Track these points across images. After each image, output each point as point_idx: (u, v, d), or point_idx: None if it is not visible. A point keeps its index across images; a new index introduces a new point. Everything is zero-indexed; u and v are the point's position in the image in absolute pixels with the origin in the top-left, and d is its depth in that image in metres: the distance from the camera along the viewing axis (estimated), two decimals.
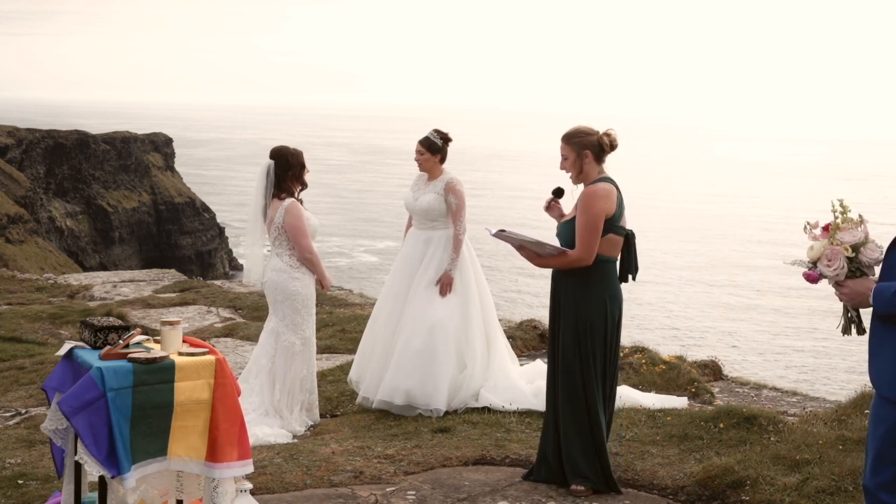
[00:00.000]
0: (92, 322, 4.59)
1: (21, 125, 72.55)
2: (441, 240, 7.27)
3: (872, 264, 3.69)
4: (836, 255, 3.70)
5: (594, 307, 5.37)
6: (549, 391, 5.61)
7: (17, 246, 54.11)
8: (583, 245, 5.32)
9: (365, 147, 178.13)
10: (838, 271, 3.70)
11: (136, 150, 72.55)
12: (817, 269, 3.77)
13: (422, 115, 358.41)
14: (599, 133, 5.48)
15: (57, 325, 10.92)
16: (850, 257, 3.69)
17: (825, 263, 3.73)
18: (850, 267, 3.69)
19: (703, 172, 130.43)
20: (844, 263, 3.69)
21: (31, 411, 7.46)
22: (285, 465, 5.83)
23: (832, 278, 3.73)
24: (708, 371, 9.09)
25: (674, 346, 16.76)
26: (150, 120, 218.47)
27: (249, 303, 11.96)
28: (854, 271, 3.70)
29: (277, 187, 6.99)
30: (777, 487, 5.24)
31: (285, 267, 6.98)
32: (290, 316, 6.99)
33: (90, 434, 4.13)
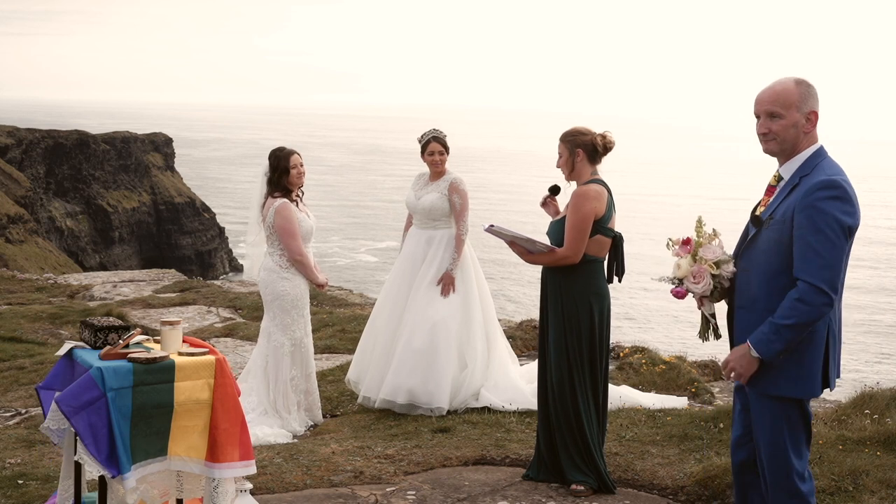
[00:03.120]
0: (92, 322, 4.59)
1: (21, 125, 72.55)
2: (443, 239, 7.27)
3: (730, 278, 3.92)
4: (702, 272, 3.91)
5: (580, 305, 5.45)
6: (540, 389, 5.67)
7: (17, 246, 54.11)
8: (570, 243, 5.42)
9: (365, 147, 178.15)
10: (705, 288, 3.90)
11: (136, 150, 72.54)
12: (684, 285, 3.96)
13: (422, 115, 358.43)
14: (595, 134, 5.55)
15: (57, 325, 10.92)
16: (714, 274, 3.89)
17: (692, 281, 3.94)
18: (715, 280, 3.89)
19: (703, 173, 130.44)
20: (710, 280, 3.89)
21: (31, 411, 7.46)
22: (285, 465, 5.83)
23: (699, 294, 3.92)
24: (708, 371, 9.09)
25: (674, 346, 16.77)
26: (150, 120, 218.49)
27: (249, 303, 11.96)
28: (716, 286, 3.91)
29: (271, 187, 7.01)
30: None
31: (275, 267, 6.98)
32: (279, 316, 6.99)
33: (90, 434, 4.12)
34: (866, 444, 5.67)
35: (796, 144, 3.79)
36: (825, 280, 3.61)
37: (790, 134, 3.78)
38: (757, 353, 3.70)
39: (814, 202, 3.63)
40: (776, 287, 3.73)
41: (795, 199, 3.70)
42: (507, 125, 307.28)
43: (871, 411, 6.24)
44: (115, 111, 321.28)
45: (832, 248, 3.62)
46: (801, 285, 3.63)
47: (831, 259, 3.62)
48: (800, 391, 3.76)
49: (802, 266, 3.64)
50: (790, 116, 3.76)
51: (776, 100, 3.78)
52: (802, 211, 3.65)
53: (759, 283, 3.79)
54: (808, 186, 3.68)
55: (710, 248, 3.93)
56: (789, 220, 3.69)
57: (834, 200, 3.63)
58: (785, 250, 3.71)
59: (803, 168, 3.77)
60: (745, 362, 3.74)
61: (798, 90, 3.77)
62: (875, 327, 48.43)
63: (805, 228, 3.63)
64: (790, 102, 3.76)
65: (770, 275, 3.75)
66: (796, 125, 3.77)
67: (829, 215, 3.61)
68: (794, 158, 3.80)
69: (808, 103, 3.78)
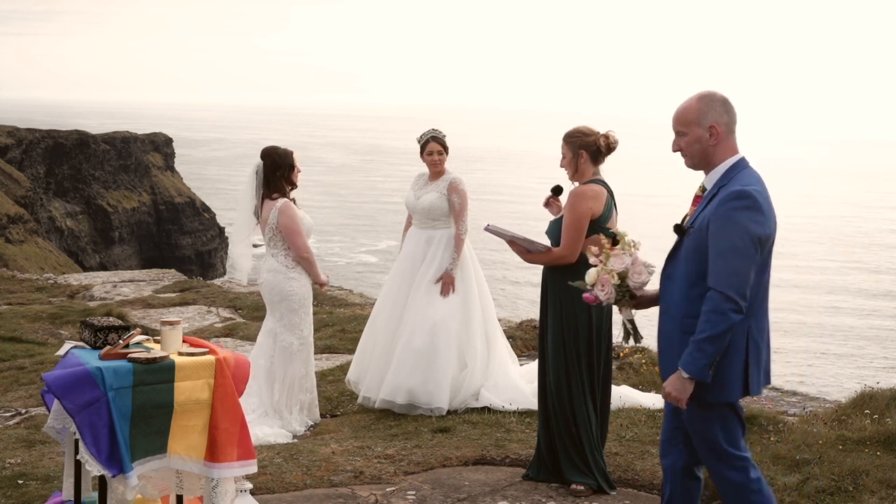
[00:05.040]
0: (92, 322, 4.59)
1: (21, 125, 72.54)
2: (442, 239, 7.27)
3: (641, 286, 4.14)
4: (606, 281, 4.15)
5: (578, 306, 5.46)
6: (540, 389, 5.68)
7: (17, 246, 54.11)
8: (566, 242, 5.44)
9: (365, 147, 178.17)
10: (609, 295, 4.15)
11: (136, 150, 72.53)
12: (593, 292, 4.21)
13: (422, 115, 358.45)
14: (598, 134, 5.56)
15: (57, 325, 10.91)
16: (617, 283, 4.13)
17: (599, 288, 4.18)
18: (619, 291, 4.14)
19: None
20: (612, 289, 4.14)
21: (31, 411, 7.46)
22: (285, 465, 5.83)
23: (605, 301, 4.17)
24: None
25: None
26: (150, 120, 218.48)
27: (249, 303, 11.96)
28: (624, 294, 4.15)
29: (267, 187, 6.98)
30: (777, 487, 5.24)
31: (280, 267, 6.96)
32: (287, 316, 6.97)
33: (91, 434, 4.13)
34: (866, 444, 5.67)
35: (709, 158, 3.94)
36: (733, 287, 3.72)
37: (695, 149, 3.93)
38: (687, 374, 3.80)
39: (725, 212, 3.76)
40: (694, 294, 3.85)
41: (712, 208, 3.83)
42: (507, 125, 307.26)
43: (871, 411, 6.24)
44: (115, 111, 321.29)
45: (741, 256, 3.73)
46: (711, 294, 3.75)
47: (739, 267, 3.73)
48: (719, 396, 3.87)
49: (713, 274, 3.77)
50: (692, 133, 3.91)
51: (678, 118, 3.95)
52: (715, 221, 3.78)
53: (679, 291, 3.92)
54: (721, 197, 3.81)
55: (618, 260, 4.13)
56: (705, 229, 3.82)
57: (745, 210, 3.74)
58: (702, 259, 3.83)
59: (722, 179, 3.89)
60: (679, 386, 3.84)
61: (698, 106, 3.91)
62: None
63: (716, 237, 3.76)
64: (689, 120, 3.91)
65: (689, 282, 3.88)
66: (700, 140, 3.91)
67: (739, 225, 3.73)
68: (714, 170, 3.93)
69: (709, 117, 3.89)
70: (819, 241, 75.88)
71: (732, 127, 3.95)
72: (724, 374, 3.83)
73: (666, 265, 4.03)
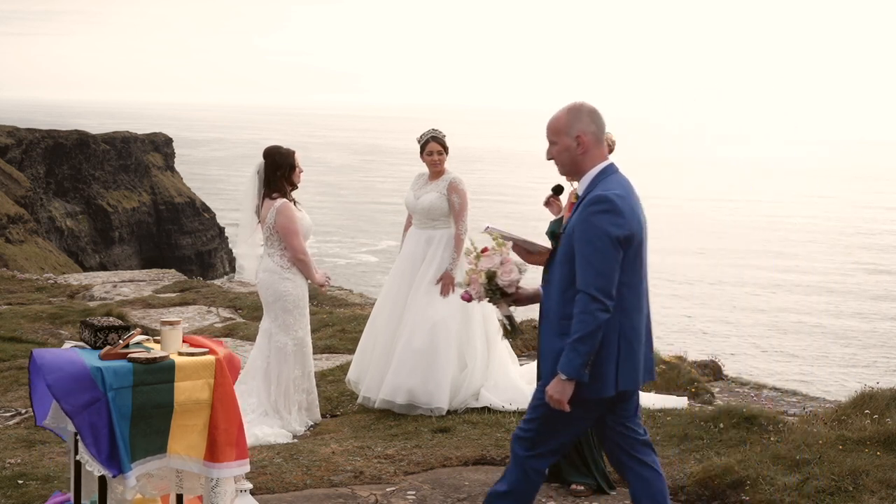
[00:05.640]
0: (92, 322, 4.59)
1: (21, 125, 72.55)
2: (442, 239, 7.27)
3: (512, 284, 4.28)
4: (475, 281, 4.30)
5: None
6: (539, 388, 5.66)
7: (17, 246, 54.11)
8: None
9: (365, 147, 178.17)
10: (479, 294, 4.30)
11: (136, 150, 72.54)
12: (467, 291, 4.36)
13: (422, 115, 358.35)
14: None
15: (57, 325, 10.91)
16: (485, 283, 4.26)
17: (470, 287, 4.33)
18: (489, 288, 4.27)
19: (702, 173, 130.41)
20: (481, 288, 4.28)
21: (31, 411, 7.46)
22: (285, 465, 5.83)
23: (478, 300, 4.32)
24: (708, 371, 9.10)
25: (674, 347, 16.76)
26: (150, 120, 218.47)
27: (249, 303, 11.95)
28: (495, 292, 4.28)
29: (268, 187, 6.97)
30: (777, 487, 5.24)
31: (276, 267, 6.95)
32: (281, 317, 6.97)
33: (91, 434, 4.13)
34: (866, 444, 5.67)
35: (578, 165, 4.11)
36: (598, 288, 3.88)
37: (565, 158, 4.11)
38: (565, 375, 3.92)
39: (586, 217, 3.95)
40: (568, 297, 4.00)
41: (576, 214, 4.02)
42: (507, 125, 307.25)
43: (871, 411, 6.24)
44: (115, 111, 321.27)
45: (603, 258, 3.90)
46: (579, 296, 3.92)
47: (603, 268, 3.89)
48: (590, 392, 4.00)
49: (579, 277, 3.94)
50: (561, 142, 4.10)
51: (549, 128, 4.13)
52: (578, 226, 3.97)
53: (555, 294, 4.07)
54: (584, 203, 4.00)
55: (487, 260, 4.28)
56: (572, 234, 4.01)
57: (603, 214, 3.92)
58: (573, 263, 4.00)
59: (590, 186, 4.07)
60: (559, 388, 3.95)
61: (567, 117, 4.09)
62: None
63: (580, 242, 3.95)
64: (559, 129, 4.10)
65: (563, 286, 4.04)
66: (568, 149, 4.09)
67: (598, 228, 3.90)
68: (584, 177, 4.11)
69: (576, 127, 4.07)
70: (819, 241, 75.84)
71: (600, 136, 4.11)
72: (597, 370, 3.98)
73: (545, 269, 4.19)
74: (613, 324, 3.97)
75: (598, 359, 3.96)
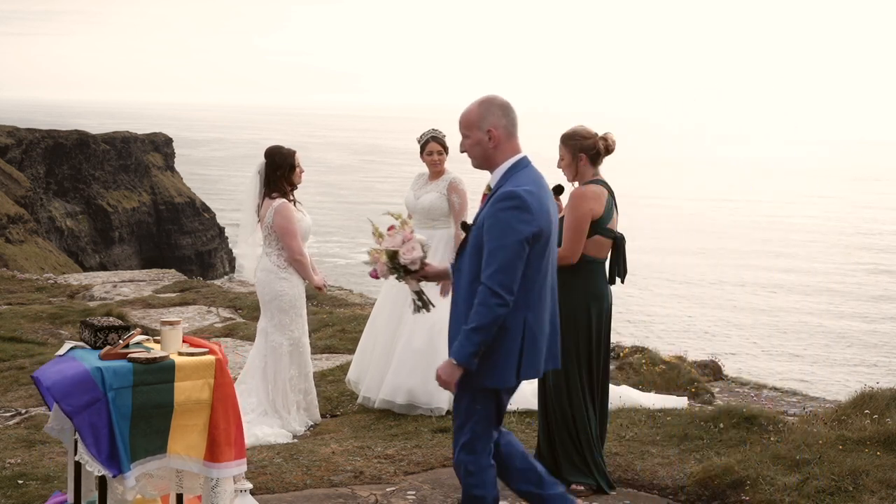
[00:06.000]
0: (92, 322, 4.60)
1: (21, 125, 72.56)
2: (442, 239, 7.27)
3: (415, 262, 4.36)
4: (377, 259, 4.41)
5: (577, 306, 5.44)
6: (539, 389, 5.68)
7: (17, 246, 54.11)
8: (567, 244, 5.42)
9: (365, 147, 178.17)
10: (383, 272, 4.42)
11: (136, 150, 72.55)
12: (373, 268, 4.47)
13: (422, 115, 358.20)
14: (597, 136, 5.54)
15: (57, 325, 10.91)
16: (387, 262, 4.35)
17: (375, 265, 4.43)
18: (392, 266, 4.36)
19: (702, 173, 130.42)
20: (385, 267, 4.39)
21: (31, 411, 7.46)
22: (285, 465, 5.83)
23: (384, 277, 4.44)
24: (708, 371, 9.10)
25: (674, 346, 16.78)
26: (150, 120, 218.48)
27: (249, 303, 11.95)
28: (399, 269, 4.37)
29: (268, 187, 6.96)
30: (777, 487, 5.24)
31: (273, 267, 6.95)
32: (277, 316, 6.97)
33: (91, 434, 4.13)
34: (866, 444, 5.67)
35: (490, 159, 4.16)
36: (500, 283, 3.94)
37: (476, 151, 4.17)
38: (455, 360, 4.02)
39: (495, 212, 3.99)
40: (475, 288, 4.05)
41: (487, 208, 4.07)
42: None
43: (871, 411, 6.24)
44: (115, 111, 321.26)
45: (508, 254, 3.95)
46: (481, 288, 3.98)
47: (507, 265, 3.95)
48: (493, 381, 4.11)
49: (484, 270, 4.00)
50: (473, 136, 4.15)
51: (462, 122, 4.19)
52: (488, 220, 4.02)
53: (464, 283, 4.14)
54: (495, 197, 4.05)
55: (389, 239, 4.37)
56: (481, 227, 4.06)
57: (512, 210, 3.97)
58: (481, 254, 4.05)
59: (502, 179, 4.12)
60: (448, 371, 4.05)
61: (478, 111, 4.14)
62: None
63: (488, 235, 3.99)
64: (471, 123, 4.15)
65: (471, 277, 4.09)
66: (480, 143, 4.14)
67: (507, 225, 3.96)
68: (497, 170, 4.16)
69: (488, 121, 4.12)
70: (819, 241, 75.85)
71: (512, 130, 4.15)
72: (500, 360, 4.07)
73: (456, 259, 4.24)
74: (518, 317, 4.05)
75: (502, 351, 4.05)
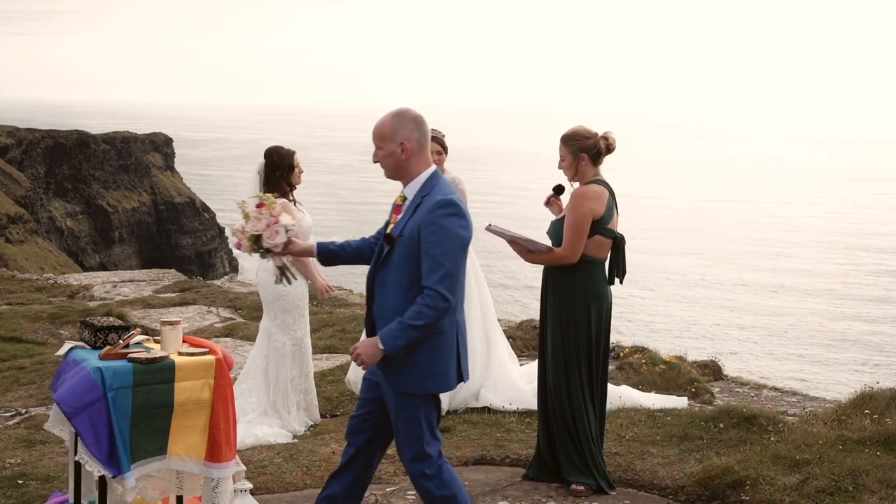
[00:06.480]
0: (92, 322, 4.59)
1: (21, 125, 72.56)
2: None
3: (278, 246, 4.41)
4: (241, 238, 4.49)
5: (577, 306, 5.44)
6: (540, 389, 5.68)
7: (17, 246, 54.12)
8: (568, 243, 5.42)
9: (365, 147, 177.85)
10: (246, 250, 4.48)
11: (136, 150, 72.56)
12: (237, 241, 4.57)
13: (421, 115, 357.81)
14: (597, 136, 5.54)
15: (57, 325, 10.91)
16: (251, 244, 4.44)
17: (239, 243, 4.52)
18: (255, 248, 4.45)
19: (702, 173, 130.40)
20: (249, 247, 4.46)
21: (31, 411, 7.46)
22: (285, 465, 5.83)
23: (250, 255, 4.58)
24: (708, 371, 9.10)
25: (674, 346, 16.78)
26: (150, 120, 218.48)
27: (249, 303, 11.96)
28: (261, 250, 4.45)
29: (267, 187, 6.95)
30: (777, 487, 5.24)
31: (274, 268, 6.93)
32: (280, 316, 6.96)
33: (91, 434, 4.13)
34: (866, 444, 5.67)
35: (403, 170, 4.23)
36: (447, 287, 4.04)
37: (389, 162, 4.24)
38: (383, 346, 4.06)
39: (435, 219, 4.07)
40: (410, 297, 4.11)
41: (420, 216, 4.12)
42: (508, 125, 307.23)
43: (871, 411, 6.24)
44: (115, 111, 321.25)
45: (454, 259, 4.07)
46: (428, 292, 4.04)
47: (452, 269, 4.06)
48: (434, 386, 4.18)
49: (429, 275, 4.06)
50: (386, 147, 4.22)
51: (375, 134, 4.26)
52: (427, 227, 4.08)
53: (395, 295, 4.16)
54: (429, 205, 4.11)
55: (253, 223, 4.43)
56: (416, 236, 4.10)
57: (452, 217, 4.08)
58: (415, 264, 4.11)
59: (423, 189, 4.19)
60: (371, 352, 4.10)
61: (392, 123, 4.22)
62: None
63: (430, 243, 4.06)
64: (384, 135, 4.22)
65: (405, 286, 4.14)
66: (393, 154, 4.21)
67: (449, 231, 4.06)
68: (413, 181, 4.22)
69: (401, 134, 4.20)
70: (819, 241, 75.84)
71: (423, 143, 4.23)
72: (441, 365, 4.17)
73: (376, 272, 4.27)
74: (452, 320, 4.17)
75: (442, 356, 4.16)
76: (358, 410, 4.38)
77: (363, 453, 4.35)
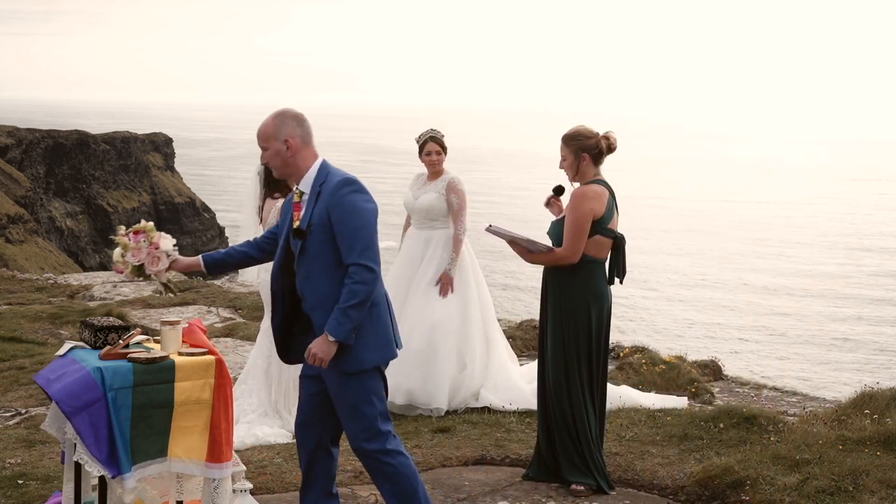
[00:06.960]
0: (92, 322, 4.60)
1: (21, 125, 72.55)
2: (441, 239, 7.26)
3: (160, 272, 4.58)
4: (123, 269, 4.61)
5: (577, 306, 5.44)
6: (539, 389, 5.68)
7: (17, 246, 54.11)
8: (568, 243, 5.42)
9: (365, 147, 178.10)
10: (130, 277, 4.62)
11: (136, 150, 72.56)
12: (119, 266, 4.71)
13: (422, 115, 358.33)
14: (598, 136, 5.54)
15: (57, 325, 10.91)
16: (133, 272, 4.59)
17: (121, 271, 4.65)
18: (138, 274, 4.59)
19: (702, 173, 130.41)
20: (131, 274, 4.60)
21: (31, 411, 7.46)
22: (285, 465, 5.83)
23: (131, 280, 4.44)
24: (708, 371, 9.10)
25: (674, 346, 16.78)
26: (150, 120, 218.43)
27: (249, 303, 11.95)
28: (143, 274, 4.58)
29: (269, 187, 6.95)
30: (777, 487, 5.24)
31: None
32: None
33: (91, 434, 4.12)
34: (866, 444, 5.67)
35: (291, 166, 4.41)
36: (370, 259, 4.22)
37: (277, 161, 4.42)
38: (334, 337, 4.18)
39: (341, 199, 4.25)
40: (339, 277, 4.25)
41: (324, 200, 4.27)
42: (508, 125, 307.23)
43: (871, 411, 6.24)
44: (115, 111, 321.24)
45: (368, 231, 4.25)
46: (353, 269, 4.19)
47: (370, 241, 4.25)
48: (382, 357, 4.34)
49: (349, 252, 4.21)
50: (272, 147, 4.40)
51: (260, 136, 4.43)
52: (335, 208, 4.24)
53: (324, 282, 4.29)
54: (331, 187, 4.28)
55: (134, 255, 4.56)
56: (326, 220, 4.25)
57: (356, 193, 4.27)
58: (333, 246, 4.27)
59: (318, 178, 4.37)
60: (325, 348, 4.20)
61: (273, 123, 4.41)
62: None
63: (342, 222, 4.23)
64: (268, 135, 4.40)
65: (330, 270, 4.28)
66: (279, 153, 4.39)
67: (357, 206, 4.25)
68: (307, 175, 4.39)
69: (283, 132, 4.39)
70: (819, 242, 75.83)
71: (307, 138, 4.43)
72: (380, 335, 4.31)
73: (299, 268, 4.35)
74: (380, 291, 4.34)
75: (380, 325, 4.31)
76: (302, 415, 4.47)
77: (318, 459, 4.46)
